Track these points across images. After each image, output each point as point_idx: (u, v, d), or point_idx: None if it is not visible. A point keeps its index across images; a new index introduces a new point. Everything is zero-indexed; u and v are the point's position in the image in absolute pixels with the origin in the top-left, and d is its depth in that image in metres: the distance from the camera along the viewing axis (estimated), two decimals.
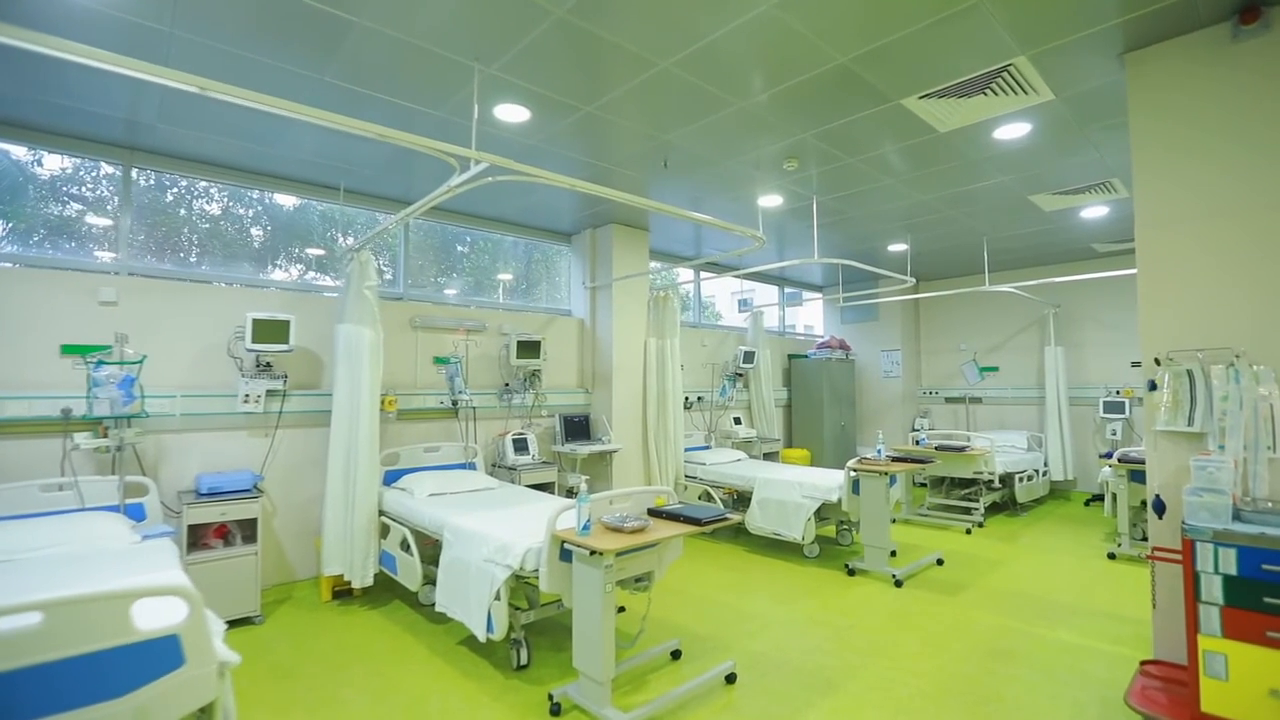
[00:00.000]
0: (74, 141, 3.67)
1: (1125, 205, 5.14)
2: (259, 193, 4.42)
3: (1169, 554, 2.49)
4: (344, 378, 3.93)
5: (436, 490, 3.99)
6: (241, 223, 4.39)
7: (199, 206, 4.22)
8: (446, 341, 4.94)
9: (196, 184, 4.19)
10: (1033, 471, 6.63)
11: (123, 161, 3.85)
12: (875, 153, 4.00)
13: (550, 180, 2.82)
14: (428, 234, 5.31)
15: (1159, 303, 2.70)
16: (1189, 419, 2.54)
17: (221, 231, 4.30)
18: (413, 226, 5.15)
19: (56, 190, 3.74)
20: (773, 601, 3.97)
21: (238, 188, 4.32)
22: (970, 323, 8.23)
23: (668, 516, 2.91)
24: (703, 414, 6.78)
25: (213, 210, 4.27)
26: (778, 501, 4.90)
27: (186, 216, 4.17)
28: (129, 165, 3.88)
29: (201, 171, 4.10)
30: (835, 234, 6.03)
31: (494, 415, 5.20)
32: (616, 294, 5.65)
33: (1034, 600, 3.96)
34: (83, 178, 3.82)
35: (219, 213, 4.30)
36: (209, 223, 4.25)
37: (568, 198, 5.01)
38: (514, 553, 2.81)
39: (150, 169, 3.96)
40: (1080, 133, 3.71)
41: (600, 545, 2.45)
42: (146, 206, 3.99)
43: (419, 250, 5.29)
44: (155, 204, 4.04)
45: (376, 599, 4.03)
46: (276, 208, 4.53)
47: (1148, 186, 2.76)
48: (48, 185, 3.71)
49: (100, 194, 3.86)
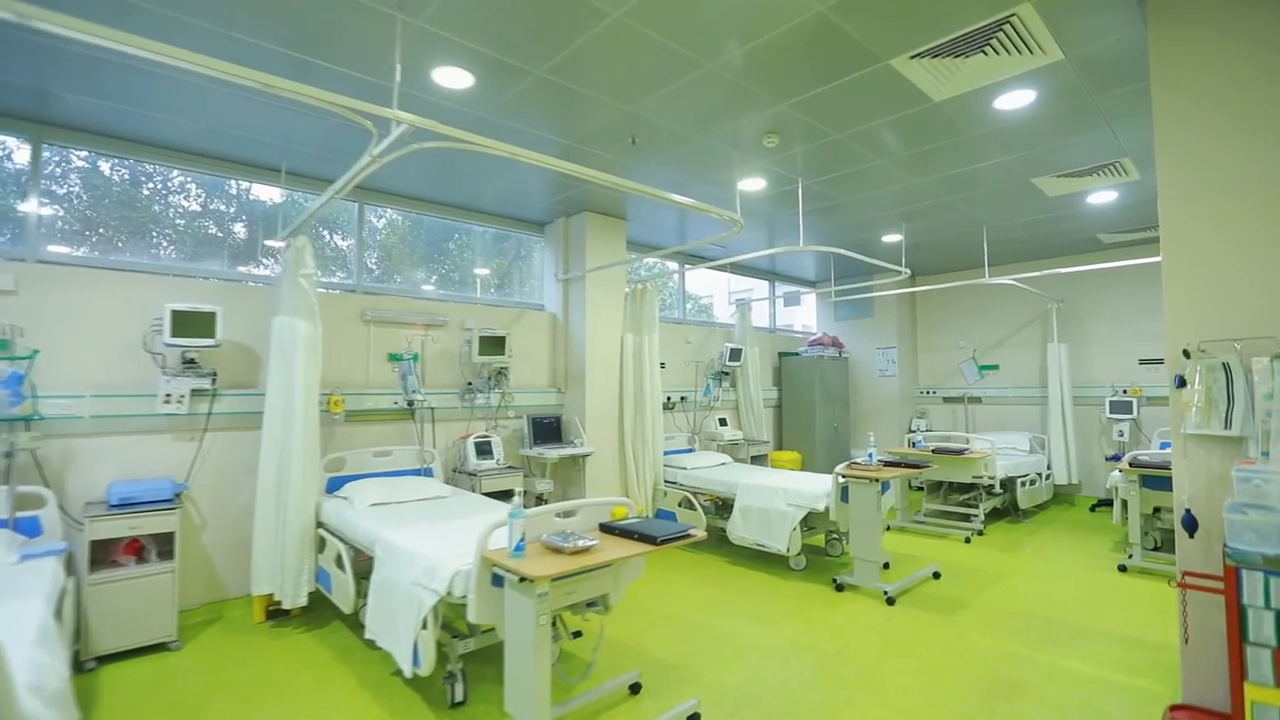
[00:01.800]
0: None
1: (1136, 189, 4.77)
2: (187, 176, 4.05)
3: (1204, 581, 2.11)
4: (277, 375, 3.56)
5: (380, 499, 3.61)
6: (178, 208, 4.02)
7: (130, 191, 3.85)
8: (403, 337, 4.56)
9: (129, 166, 3.81)
10: (1035, 475, 6.25)
11: (31, 136, 3.47)
12: (864, 126, 3.62)
13: (483, 147, 2.45)
14: (412, 227, 4.93)
15: (1187, 286, 2.33)
16: (1225, 421, 2.17)
17: (153, 217, 3.92)
18: (390, 219, 4.78)
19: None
20: (751, 622, 3.59)
21: (165, 167, 3.94)
22: (969, 319, 7.86)
23: (620, 533, 2.53)
24: (686, 415, 6.40)
25: (142, 194, 3.90)
26: (761, 510, 4.53)
27: (111, 200, 3.79)
28: (39, 140, 3.50)
29: (123, 149, 3.72)
30: (825, 224, 5.65)
31: (455, 417, 4.82)
32: (590, 286, 5.27)
33: (1040, 620, 3.58)
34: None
35: (146, 195, 3.92)
36: (134, 207, 3.87)
37: (538, 183, 4.64)
38: (441, 576, 2.43)
39: (62, 145, 3.58)
40: (1091, 102, 3.33)
41: (531, 570, 2.08)
42: (64, 188, 3.62)
43: (397, 245, 4.92)
44: (77, 185, 3.66)
45: (316, 619, 3.65)
46: (230, 195, 4.15)
47: (1173, 153, 2.39)
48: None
49: (4, 172, 3.49)
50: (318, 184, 4.40)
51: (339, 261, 4.75)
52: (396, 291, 4.82)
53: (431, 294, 5.05)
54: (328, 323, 4.20)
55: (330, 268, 4.63)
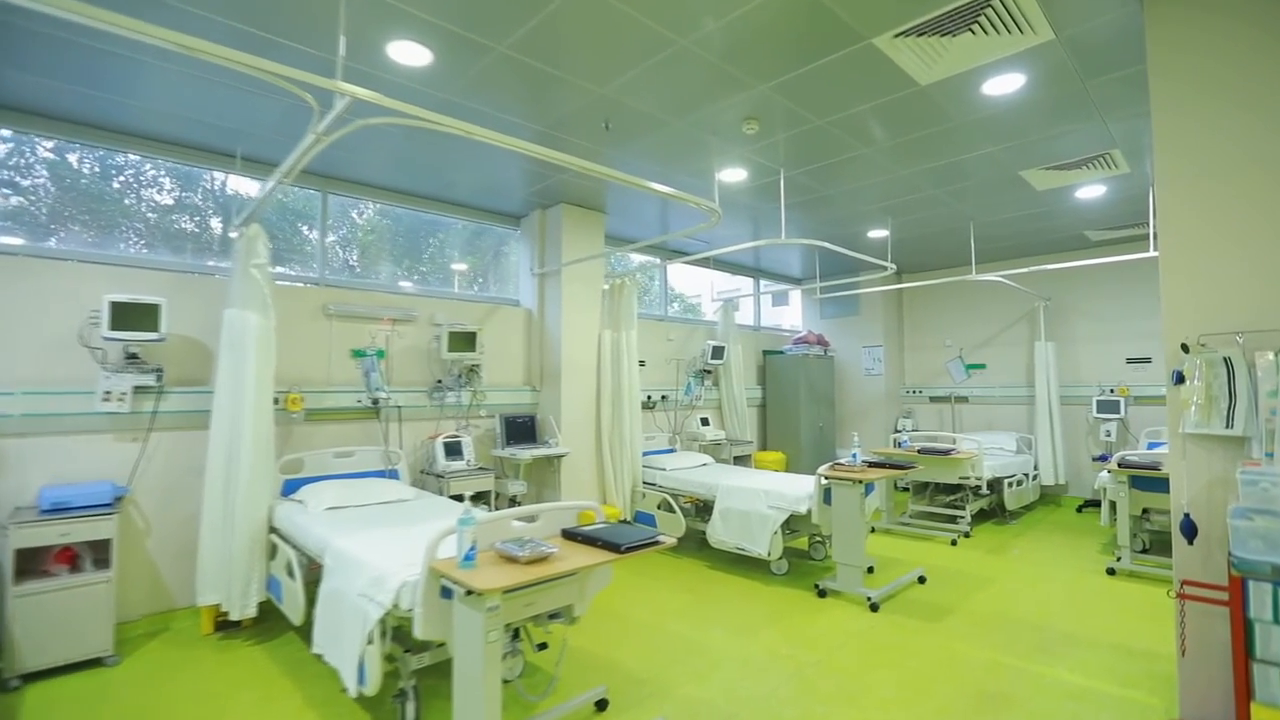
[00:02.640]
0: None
1: (1124, 184, 4.66)
2: (138, 160, 3.82)
3: (1205, 591, 1.97)
4: (227, 371, 3.34)
5: (336, 502, 3.41)
6: (127, 195, 3.79)
7: (70, 177, 3.62)
8: (368, 333, 4.35)
9: (66, 150, 3.59)
10: (1022, 476, 6.14)
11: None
12: (847, 113, 3.47)
13: (434, 124, 2.26)
14: (390, 224, 4.72)
15: (1186, 275, 2.19)
16: (1226, 419, 2.03)
17: (98, 204, 3.70)
18: (369, 216, 4.57)
19: None
20: (729, 631, 3.43)
21: (107, 149, 3.71)
22: (956, 317, 7.76)
23: (584, 540, 2.35)
24: (667, 414, 6.23)
25: (81, 180, 3.67)
26: (741, 512, 4.36)
27: (51, 186, 3.56)
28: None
29: (59, 130, 3.49)
30: (809, 218, 5.51)
31: (424, 416, 4.62)
32: (567, 281, 5.09)
33: (1028, 627, 3.44)
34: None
35: (87, 181, 3.70)
36: (76, 193, 3.65)
37: (513, 173, 4.45)
38: (388, 587, 2.24)
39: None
40: (1082, 88, 3.20)
41: (479, 582, 1.90)
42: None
43: (373, 240, 4.71)
44: (9, 170, 3.43)
45: (269, 631, 3.44)
46: (187, 182, 3.93)
47: (1170, 136, 2.25)
48: None
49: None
50: (261, 166, 4.18)
51: (319, 257, 4.55)
52: (362, 285, 4.61)
53: (399, 288, 4.84)
54: (287, 317, 3.99)
55: (310, 263, 4.43)
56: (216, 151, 3.93)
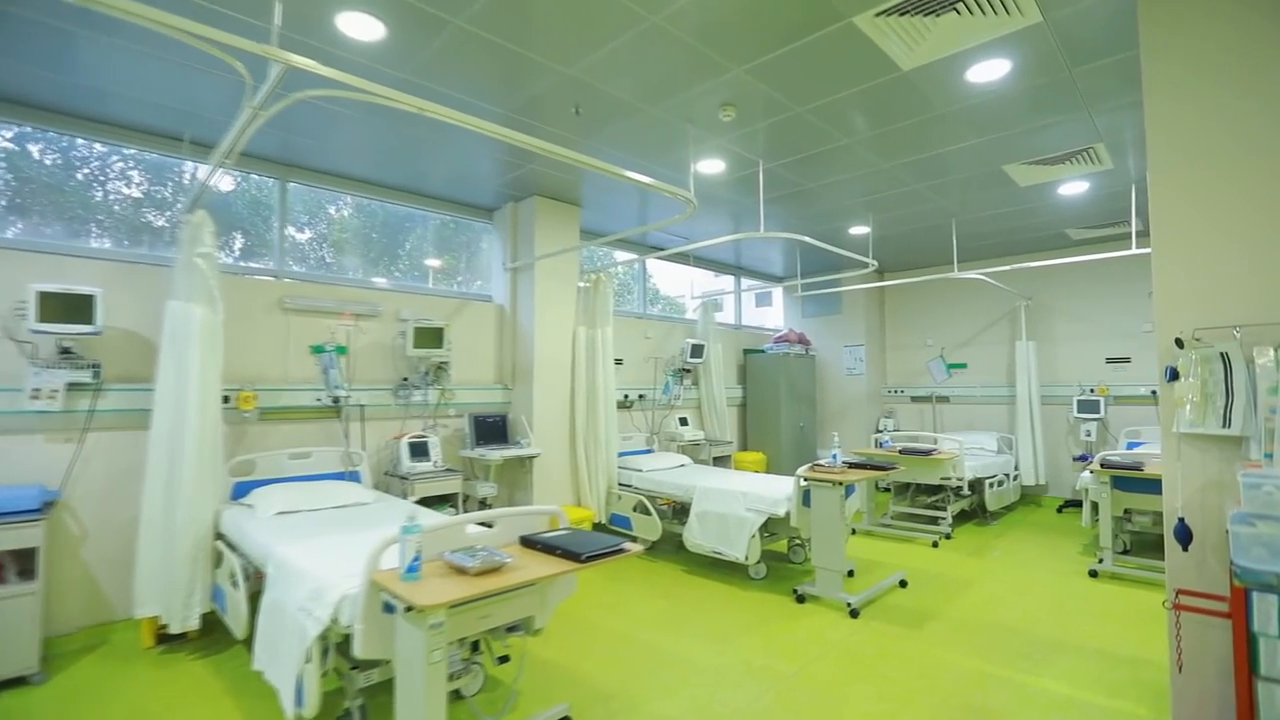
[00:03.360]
0: None
1: (1108, 180, 4.59)
2: (78, 143, 3.59)
3: (1202, 601, 1.85)
4: (169, 367, 3.12)
5: (287, 507, 3.21)
6: (67, 180, 3.55)
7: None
8: (329, 328, 4.14)
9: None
10: (1003, 476, 6.07)
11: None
12: (827, 100, 3.34)
13: (376, 97, 2.08)
14: (367, 217, 4.51)
15: (1180, 267, 2.07)
16: (1223, 419, 1.91)
17: (33, 189, 3.45)
18: (343, 213, 4.35)
19: None
20: (704, 640, 3.27)
21: (39, 129, 3.47)
22: (938, 316, 7.69)
23: (543, 548, 2.19)
24: (644, 414, 6.07)
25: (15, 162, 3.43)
26: (718, 515, 4.22)
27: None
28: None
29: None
30: (789, 213, 5.38)
31: (389, 415, 4.42)
32: (541, 276, 4.91)
33: (1012, 634, 3.33)
34: None
35: (18, 163, 3.45)
36: (13, 176, 3.40)
37: (484, 163, 4.27)
38: (327, 600, 2.06)
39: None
40: (1069, 76, 3.09)
41: (420, 597, 1.72)
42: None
43: (341, 234, 4.49)
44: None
45: (216, 643, 3.22)
46: (136, 168, 3.70)
47: (1164, 121, 2.13)
48: None
49: None
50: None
51: (297, 254, 4.34)
52: (323, 278, 4.39)
53: (363, 281, 4.63)
54: (241, 310, 3.78)
55: (288, 260, 4.23)
56: (163, 134, 3.70)
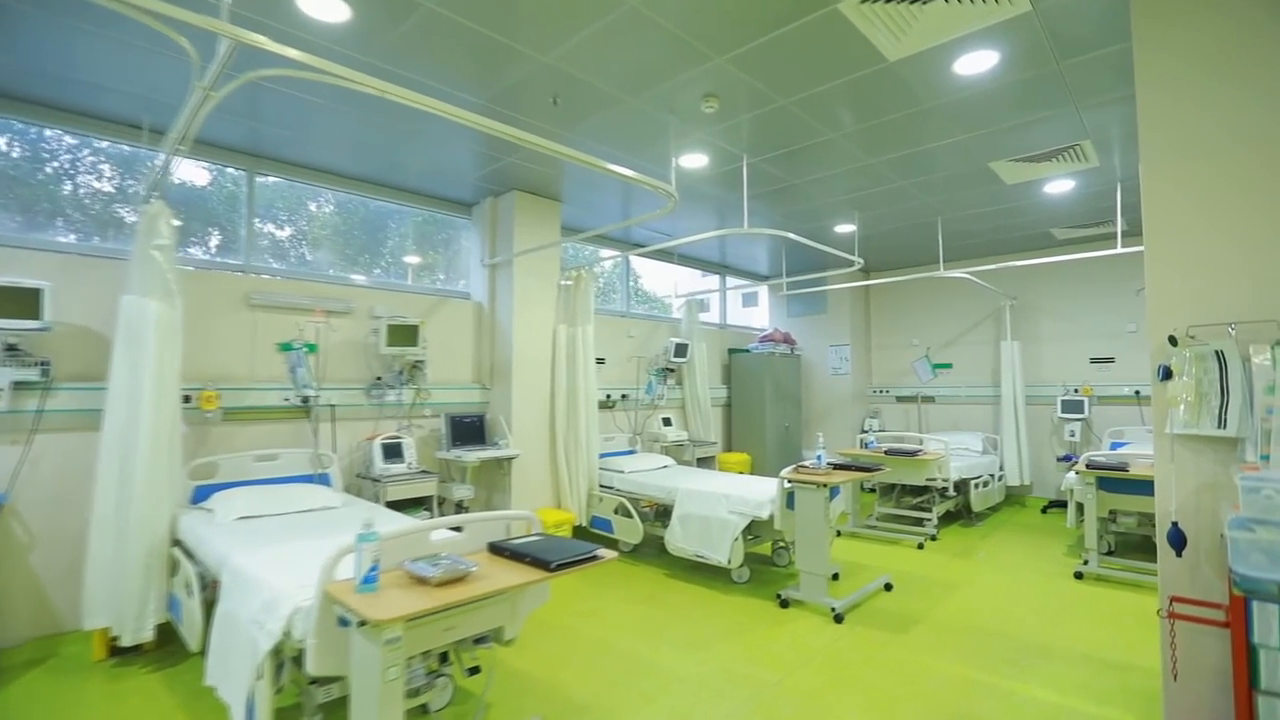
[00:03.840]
0: None
1: (1094, 178, 4.55)
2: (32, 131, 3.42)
3: (1198, 609, 1.78)
4: (123, 365, 2.97)
5: (248, 511, 3.07)
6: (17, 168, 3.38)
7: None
8: (299, 325, 3.99)
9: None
10: (988, 477, 6.04)
11: None
12: (812, 91, 3.25)
13: (336, 78, 1.95)
14: (348, 214, 4.35)
15: (1174, 262, 2.00)
16: (1218, 419, 1.84)
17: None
18: (329, 205, 4.19)
19: None
20: (684, 648, 3.17)
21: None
22: (923, 316, 7.66)
23: (511, 556, 2.07)
24: (627, 414, 5.97)
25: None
26: (701, 518, 4.12)
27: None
28: None
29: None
30: (774, 210, 5.30)
31: (361, 415, 4.27)
32: (520, 273, 4.79)
33: (998, 638, 3.26)
34: None
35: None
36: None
37: (462, 155, 4.14)
38: (280, 613, 1.93)
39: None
40: (1056, 70, 3.03)
41: (375, 610, 1.60)
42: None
43: (330, 232, 4.33)
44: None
45: (172, 655, 3.06)
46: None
47: (1156, 111, 2.06)
48: None
49: None
50: (195, 145, 3.80)
51: (275, 250, 4.20)
52: (293, 274, 4.24)
53: (335, 277, 4.48)
54: (205, 307, 3.63)
55: (265, 256, 4.09)
56: (123, 122, 3.54)
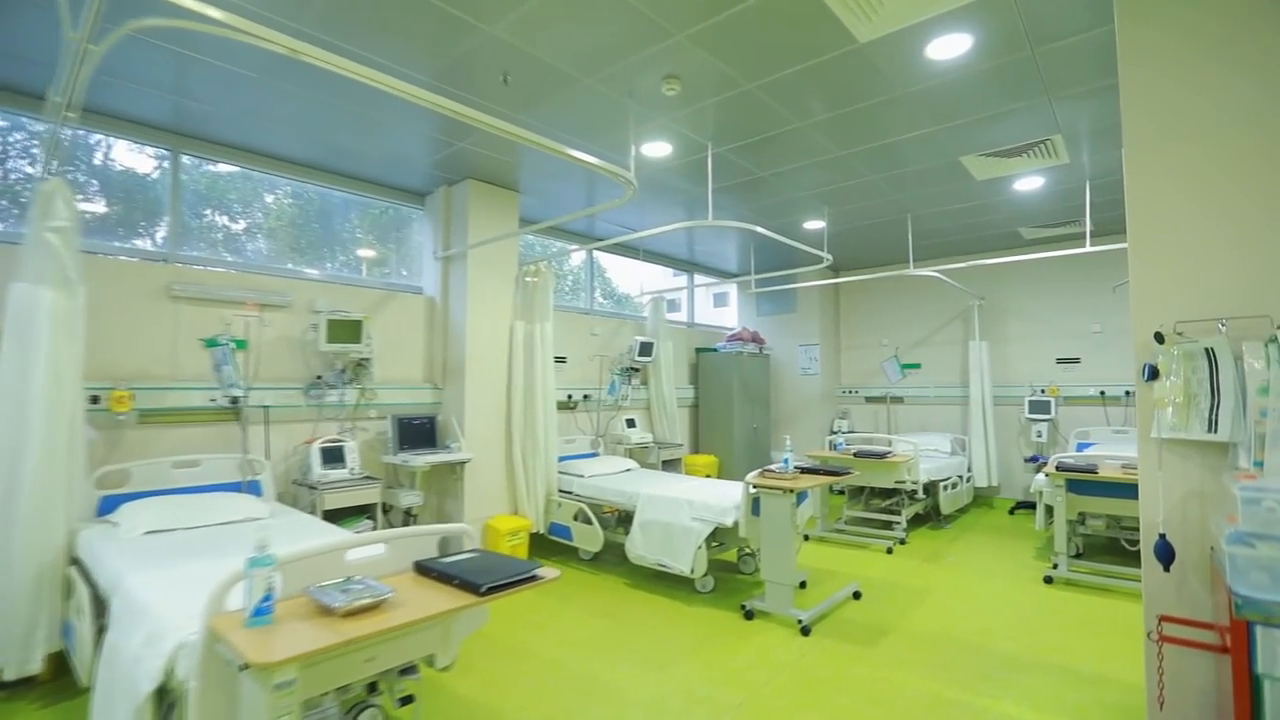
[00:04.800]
0: None
1: (1063, 175, 4.48)
2: None
3: (1189, 630, 1.63)
4: (11, 361, 2.64)
5: (158, 525, 2.77)
6: None
7: None
8: (224, 319, 3.67)
9: None
10: (957, 479, 5.97)
11: None
12: (778, 75, 3.07)
13: (232, 30, 1.70)
14: (305, 204, 4.02)
15: (1159, 254, 1.86)
16: (1209, 422, 1.70)
17: None
18: (286, 197, 3.86)
19: None
20: (642, 666, 2.97)
21: None
22: (892, 316, 7.59)
23: (439, 576, 1.84)
24: (589, 415, 5.74)
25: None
26: (663, 525, 3.92)
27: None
28: None
29: None
30: (742, 204, 5.14)
31: (300, 417, 3.97)
32: (473, 265, 4.53)
33: (970, 650, 3.13)
34: None
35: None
36: None
37: (411, 139, 3.86)
38: (162, 648, 1.67)
39: None
40: (1031, 55, 2.90)
41: (259, 651, 1.36)
42: None
43: (271, 221, 4.01)
44: None
45: (68, 688, 2.73)
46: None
47: (1140, 91, 1.92)
48: None
49: None
50: (100, 117, 3.47)
51: (210, 240, 3.87)
52: (223, 263, 3.92)
53: (270, 267, 4.16)
54: (119, 298, 3.31)
55: (199, 245, 3.77)
56: (25, 92, 3.19)
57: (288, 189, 4.34)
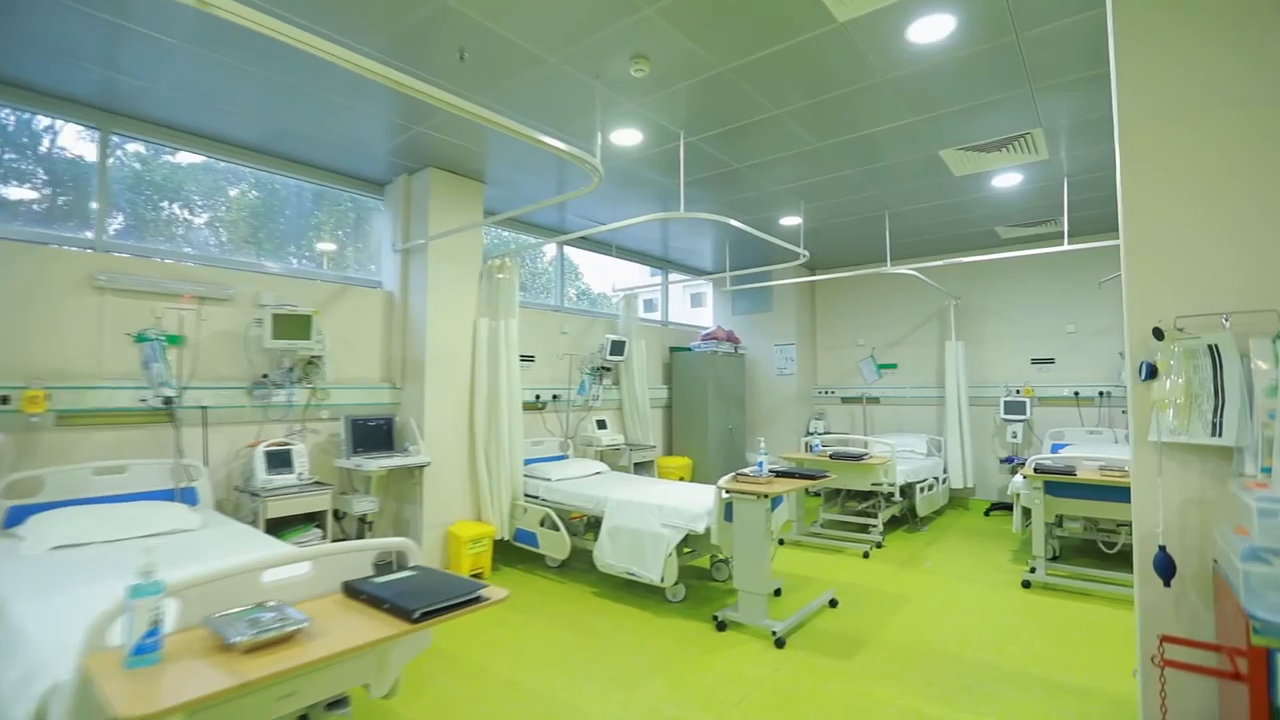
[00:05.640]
0: None
1: (1041, 172, 4.40)
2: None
3: (1194, 653, 1.49)
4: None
5: (69, 539, 2.50)
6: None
7: None
8: (154, 311, 3.39)
9: None
10: (933, 480, 5.88)
11: None
12: (753, 56, 2.91)
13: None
14: (267, 196, 3.73)
15: (1156, 243, 1.73)
16: (1212, 425, 1.57)
17: None
18: (250, 190, 3.58)
19: None
20: (607, 685, 2.78)
21: None
22: (869, 317, 7.50)
23: (369, 600, 1.63)
24: (558, 416, 5.53)
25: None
26: (632, 531, 3.74)
27: None
28: None
29: None
30: (717, 198, 4.98)
31: (243, 419, 3.71)
32: (434, 258, 4.30)
33: (949, 660, 3.00)
34: None
35: None
36: None
37: (364, 120, 3.61)
38: (34, 690, 1.43)
39: None
40: (1015, 40, 2.78)
41: (130, 703, 1.14)
42: None
43: (225, 213, 3.72)
44: None
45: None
46: None
47: (1136, 61, 1.79)
48: None
49: None
50: (19, 90, 3.17)
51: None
52: (158, 253, 3.63)
53: (211, 257, 3.87)
54: (34, 288, 3.03)
55: (138, 234, 3.46)
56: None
57: (234, 175, 4.06)
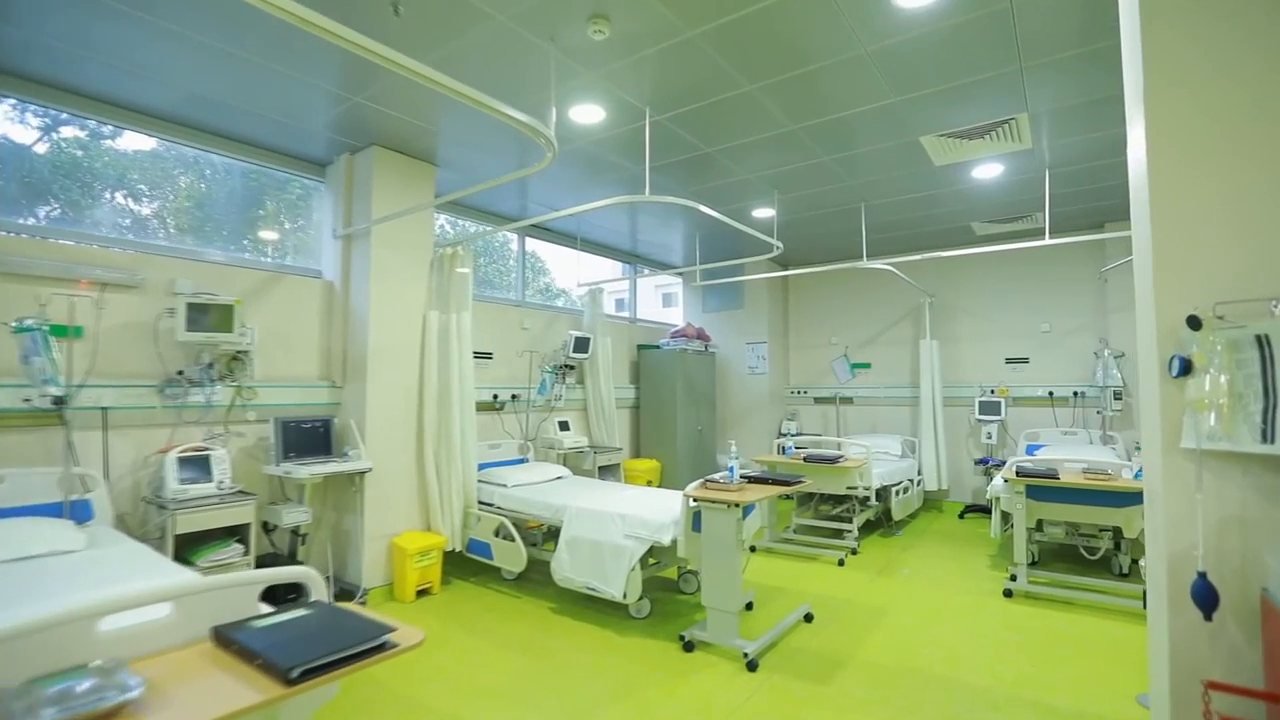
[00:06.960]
0: None
1: (1023, 163, 4.23)
2: None
3: (1243, 705, 1.24)
4: None
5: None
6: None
7: None
8: (44, 299, 2.96)
9: None
10: (908, 483, 5.70)
11: None
12: (723, 20, 2.62)
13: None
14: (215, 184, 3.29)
15: (1189, 222, 1.48)
16: (1263, 430, 1.33)
17: None
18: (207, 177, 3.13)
19: None
20: (559, 716, 2.47)
21: None
22: (843, 315, 7.32)
23: (240, 652, 1.29)
24: (518, 417, 5.19)
25: None
26: (592, 543, 3.43)
27: None
28: None
29: None
30: (686, 186, 4.69)
31: (153, 421, 3.29)
32: (378, 245, 3.93)
33: (934, 683, 2.76)
34: None
35: None
36: None
37: (297, 88, 3.23)
38: None
39: None
40: (1009, 9, 2.55)
41: None
42: None
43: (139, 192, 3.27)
44: None
45: None
46: None
47: (1163, 12, 1.55)
48: None
49: None
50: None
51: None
52: (48, 230, 3.20)
53: (115, 239, 3.42)
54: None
55: (50, 218, 3.00)
56: None
57: (152, 152, 3.63)
